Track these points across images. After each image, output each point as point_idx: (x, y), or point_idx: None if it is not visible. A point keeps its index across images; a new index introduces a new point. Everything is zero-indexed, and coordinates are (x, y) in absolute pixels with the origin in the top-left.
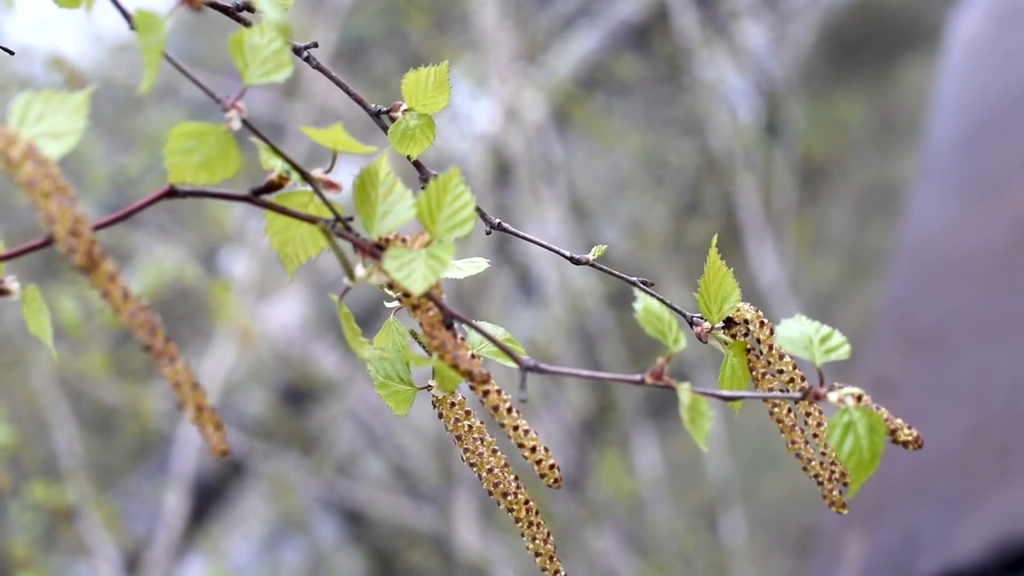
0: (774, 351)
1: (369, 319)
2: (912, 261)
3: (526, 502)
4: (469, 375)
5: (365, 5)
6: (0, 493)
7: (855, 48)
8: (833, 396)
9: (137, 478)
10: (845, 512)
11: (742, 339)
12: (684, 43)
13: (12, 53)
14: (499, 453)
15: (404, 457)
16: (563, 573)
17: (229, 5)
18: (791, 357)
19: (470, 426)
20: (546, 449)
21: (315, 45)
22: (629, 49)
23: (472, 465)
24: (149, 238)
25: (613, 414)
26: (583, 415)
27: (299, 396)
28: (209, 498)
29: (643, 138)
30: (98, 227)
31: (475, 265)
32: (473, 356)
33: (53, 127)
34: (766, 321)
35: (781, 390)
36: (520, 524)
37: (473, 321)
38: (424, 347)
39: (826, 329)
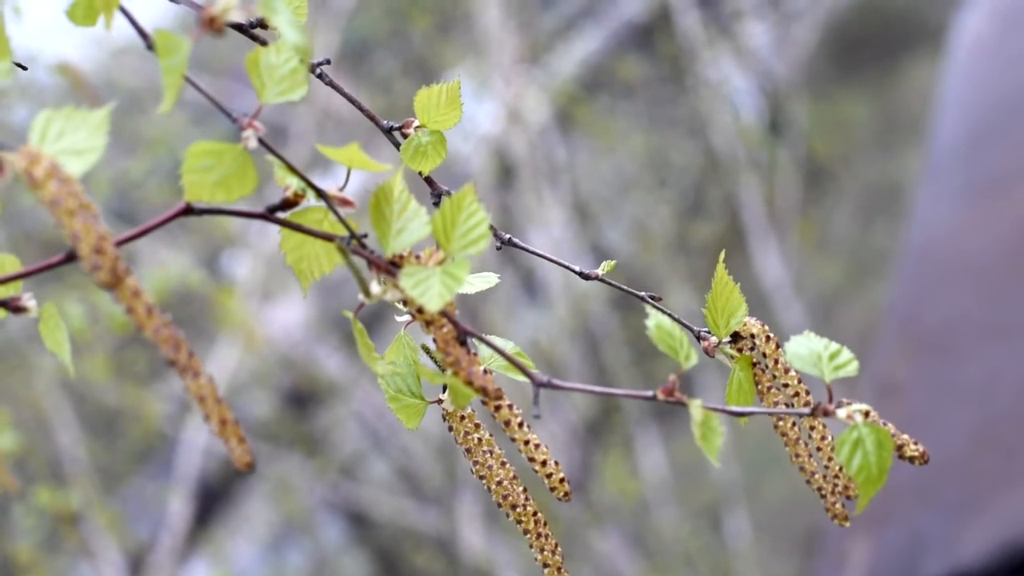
0: (780, 365)
1: (374, 322)
2: (917, 262)
3: (535, 513)
4: (483, 392)
5: (368, 7)
6: (5, 497)
7: (858, 48)
8: (842, 412)
9: (140, 481)
10: (847, 525)
11: (748, 353)
12: (687, 44)
13: (25, 68)
14: (508, 465)
15: (409, 459)
16: None
17: (242, 22)
18: (796, 371)
19: (479, 439)
20: (556, 463)
21: (328, 62)
22: (632, 50)
23: (482, 477)
24: (153, 240)
25: (617, 416)
26: (587, 417)
27: (303, 398)
28: (213, 501)
29: (646, 139)
30: (119, 243)
31: (486, 280)
32: (485, 371)
33: (74, 144)
34: (772, 335)
35: (786, 403)
36: (528, 535)
37: (486, 336)
38: (437, 362)
39: (835, 346)
